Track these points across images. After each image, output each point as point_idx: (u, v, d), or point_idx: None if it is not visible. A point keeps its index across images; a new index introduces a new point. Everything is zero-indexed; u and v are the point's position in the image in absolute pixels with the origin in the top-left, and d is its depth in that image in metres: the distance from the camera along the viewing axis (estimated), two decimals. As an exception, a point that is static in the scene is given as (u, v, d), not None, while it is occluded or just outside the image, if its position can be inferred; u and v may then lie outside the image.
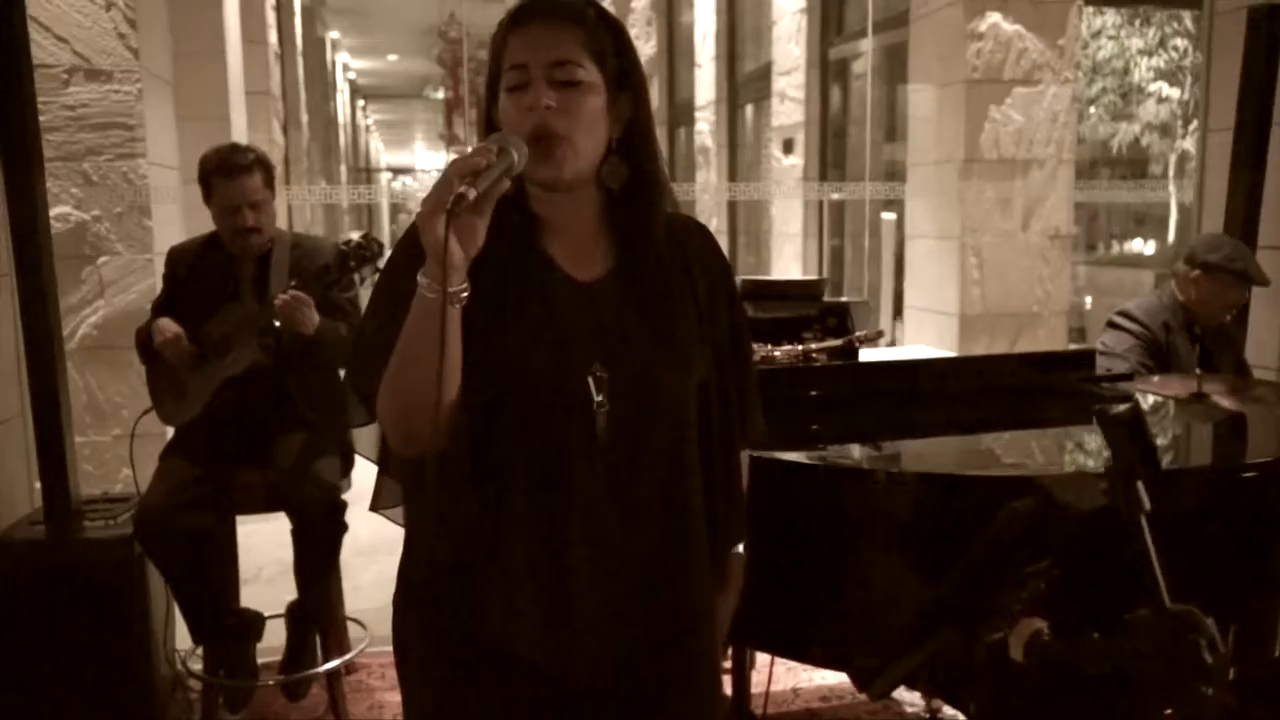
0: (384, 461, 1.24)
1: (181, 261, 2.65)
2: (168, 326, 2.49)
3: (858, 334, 2.12)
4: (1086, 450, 1.82)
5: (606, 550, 1.18)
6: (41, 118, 3.54)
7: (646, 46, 4.26)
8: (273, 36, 6.74)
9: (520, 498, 1.16)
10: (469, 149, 1.14)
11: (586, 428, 1.17)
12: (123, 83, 3.62)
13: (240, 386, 2.47)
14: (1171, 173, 7.17)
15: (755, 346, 2.05)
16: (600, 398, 1.17)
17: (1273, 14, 3.01)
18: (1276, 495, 1.59)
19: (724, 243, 7.77)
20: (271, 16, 6.79)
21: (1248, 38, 3.05)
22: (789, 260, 6.35)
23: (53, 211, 3.60)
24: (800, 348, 2.09)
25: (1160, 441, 1.95)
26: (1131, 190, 6.86)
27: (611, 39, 1.21)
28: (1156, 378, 2.48)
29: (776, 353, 2.07)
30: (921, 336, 4.62)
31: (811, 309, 2.25)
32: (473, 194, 1.04)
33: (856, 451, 1.81)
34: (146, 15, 3.77)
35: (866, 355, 2.27)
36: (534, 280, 1.20)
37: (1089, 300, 6.46)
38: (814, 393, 2.05)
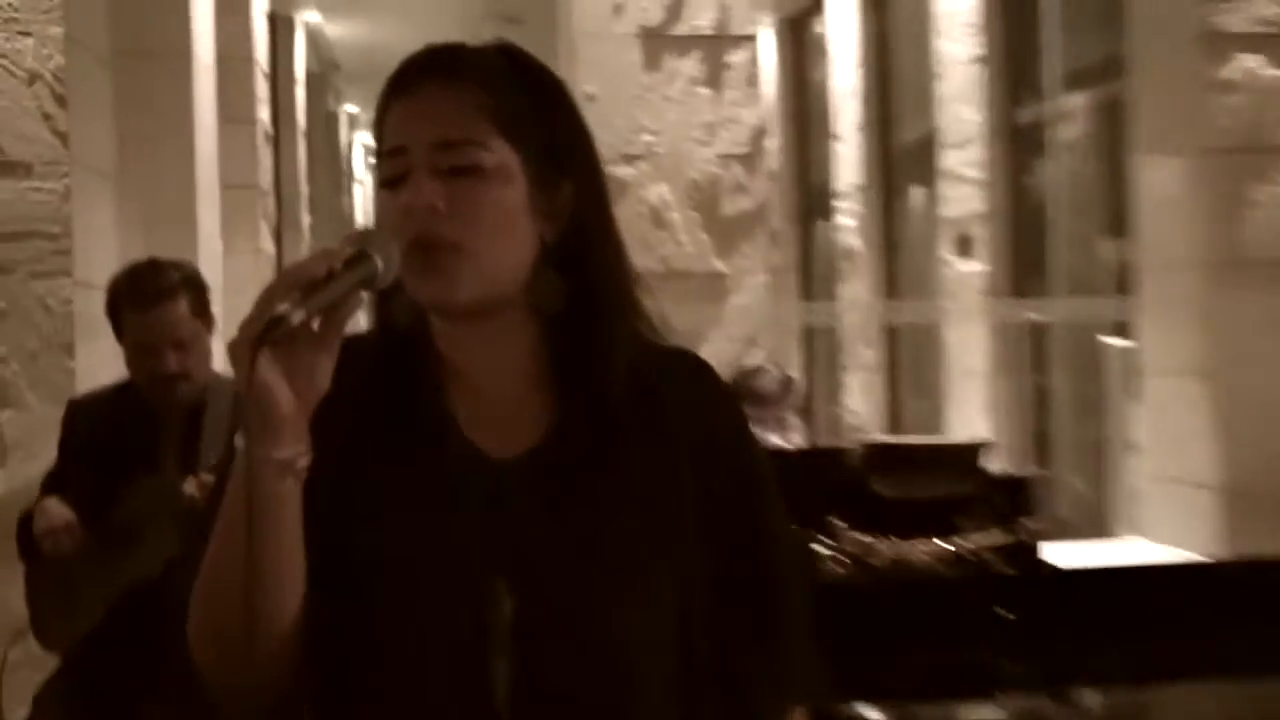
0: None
1: (83, 418, 2.76)
2: (54, 510, 2.57)
3: (1029, 524, 2.13)
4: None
5: None
6: (-64, 225, 3.84)
7: (749, 115, 4.37)
8: (264, 113, 7.16)
9: None
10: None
11: (481, 682, 1.15)
12: (45, 178, 3.85)
13: (152, 592, 2.47)
14: None
15: (883, 542, 2.10)
16: (504, 637, 1.15)
17: None
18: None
19: (881, 382, 7.77)
20: (263, 88, 7.23)
21: None
22: (972, 410, 6.29)
23: (-56, 351, 3.82)
24: (951, 546, 2.11)
25: None
26: None
27: (535, 102, 1.22)
28: None
29: (914, 553, 2.10)
30: (1167, 522, 4.50)
31: (968, 485, 2.25)
32: (299, 316, 1.04)
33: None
34: (83, 90, 4.03)
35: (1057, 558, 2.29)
36: (422, 457, 1.20)
37: None
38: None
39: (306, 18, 8.96)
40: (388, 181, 1.20)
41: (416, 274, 1.17)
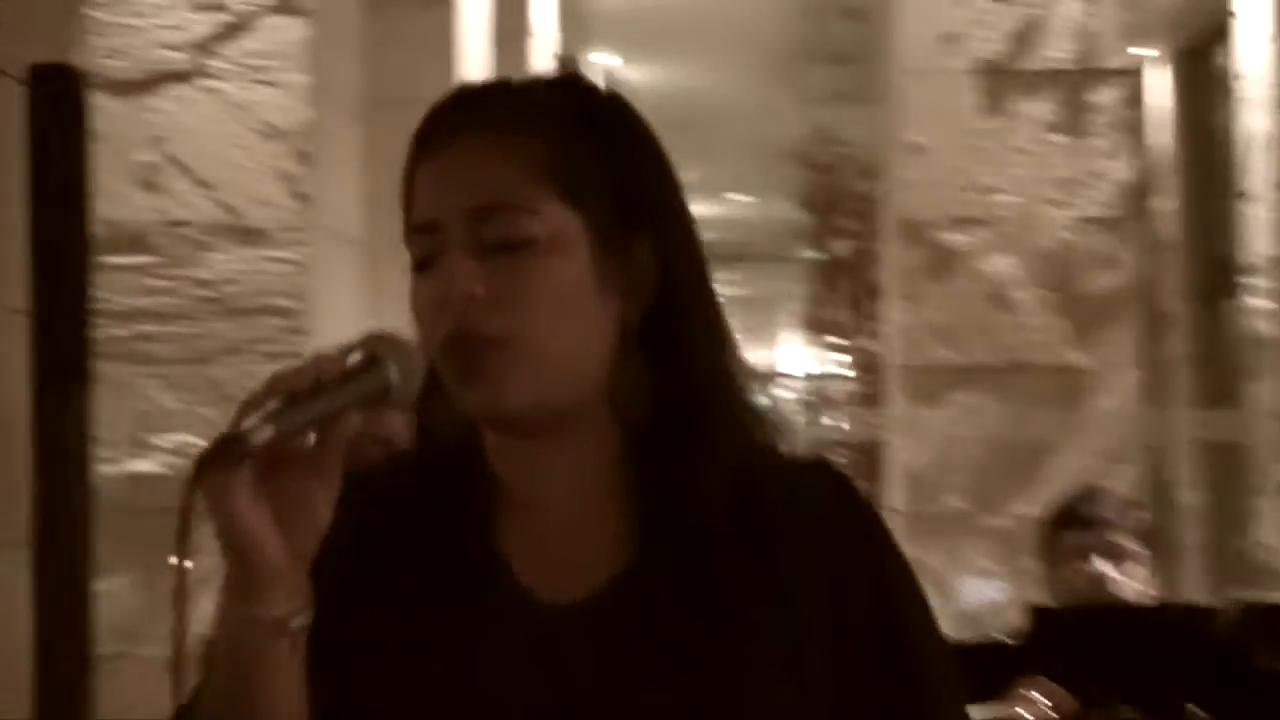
0: None
1: None
2: None
3: None
4: None
5: None
6: (162, 298, 4.04)
7: (1119, 169, 4.28)
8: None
9: None
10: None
11: None
12: (282, 245, 4.03)
13: None
14: None
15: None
16: None
17: None
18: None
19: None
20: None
21: None
22: None
23: (166, 439, 4.01)
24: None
25: None
26: None
27: (599, 145, 1.19)
28: None
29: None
30: None
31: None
32: (263, 435, 1.01)
33: None
34: (329, 146, 4.21)
35: None
36: (458, 605, 1.18)
37: None
38: None
39: (602, 61, 9.20)
40: (420, 263, 1.18)
41: (457, 379, 1.17)
